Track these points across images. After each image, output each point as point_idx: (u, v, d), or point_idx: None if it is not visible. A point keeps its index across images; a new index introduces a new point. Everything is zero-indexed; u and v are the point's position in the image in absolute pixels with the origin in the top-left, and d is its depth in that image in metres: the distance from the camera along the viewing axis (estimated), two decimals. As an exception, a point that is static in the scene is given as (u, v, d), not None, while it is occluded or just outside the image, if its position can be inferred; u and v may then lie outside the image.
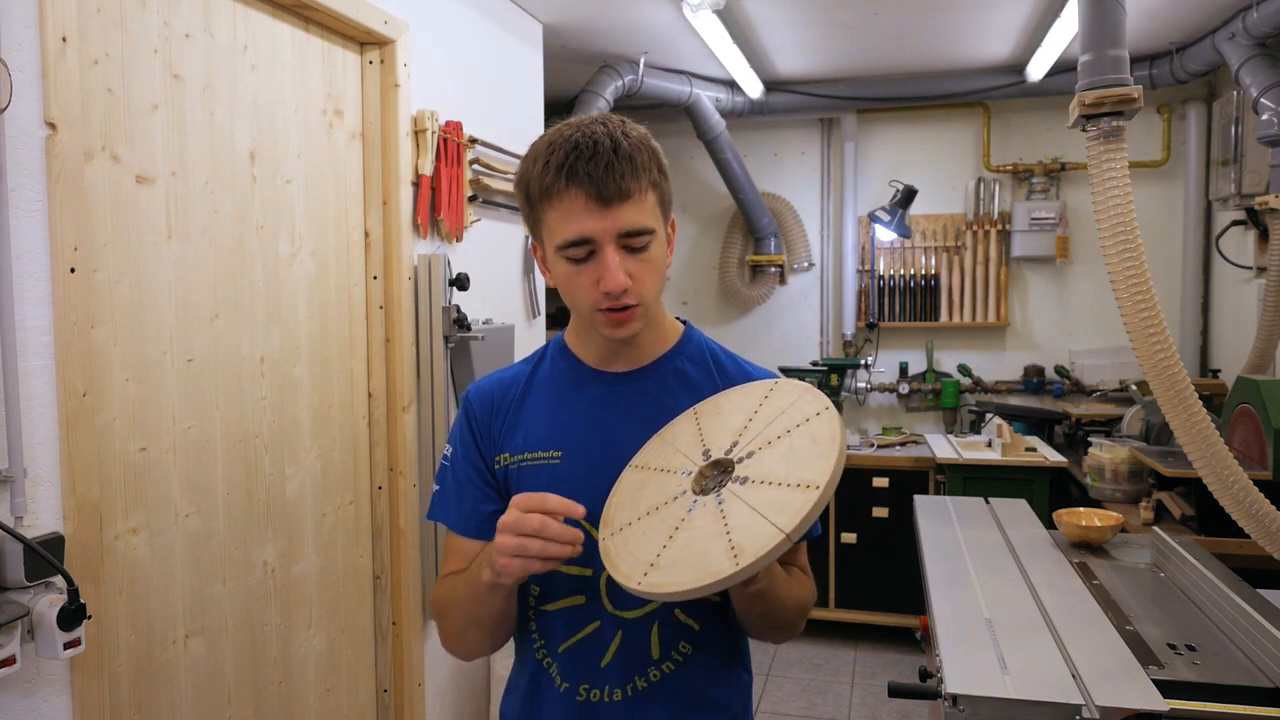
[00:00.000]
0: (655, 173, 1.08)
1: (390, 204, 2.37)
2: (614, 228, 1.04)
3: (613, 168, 1.02)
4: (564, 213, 1.04)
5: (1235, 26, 3.23)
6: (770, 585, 1.07)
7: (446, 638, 1.20)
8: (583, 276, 1.07)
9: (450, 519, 1.19)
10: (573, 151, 1.03)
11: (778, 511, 0.94)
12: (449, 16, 2.66)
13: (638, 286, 1.07)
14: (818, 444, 0.98)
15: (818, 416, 1.02)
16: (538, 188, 1.06)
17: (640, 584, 0.95)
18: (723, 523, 0.97)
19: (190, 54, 1.80)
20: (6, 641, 1.35)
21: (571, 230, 1.04)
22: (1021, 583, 2.01)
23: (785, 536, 0.92)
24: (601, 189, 1.02)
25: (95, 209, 1.58)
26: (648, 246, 1.07)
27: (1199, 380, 3.84)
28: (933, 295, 4.65)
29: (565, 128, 1.07)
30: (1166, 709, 1.41)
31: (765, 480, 0.98)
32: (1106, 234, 1.84)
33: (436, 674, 2.61)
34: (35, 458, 1.44)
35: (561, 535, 0.97)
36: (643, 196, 1.05)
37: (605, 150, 1.03)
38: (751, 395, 1.10)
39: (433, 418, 2.49)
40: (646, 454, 1.11)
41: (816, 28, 3.57)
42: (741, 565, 0.91)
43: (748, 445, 1.03)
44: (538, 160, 1.06)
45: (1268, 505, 1.85)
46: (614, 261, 1.04)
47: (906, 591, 3.90)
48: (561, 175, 1.03)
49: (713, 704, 1.16)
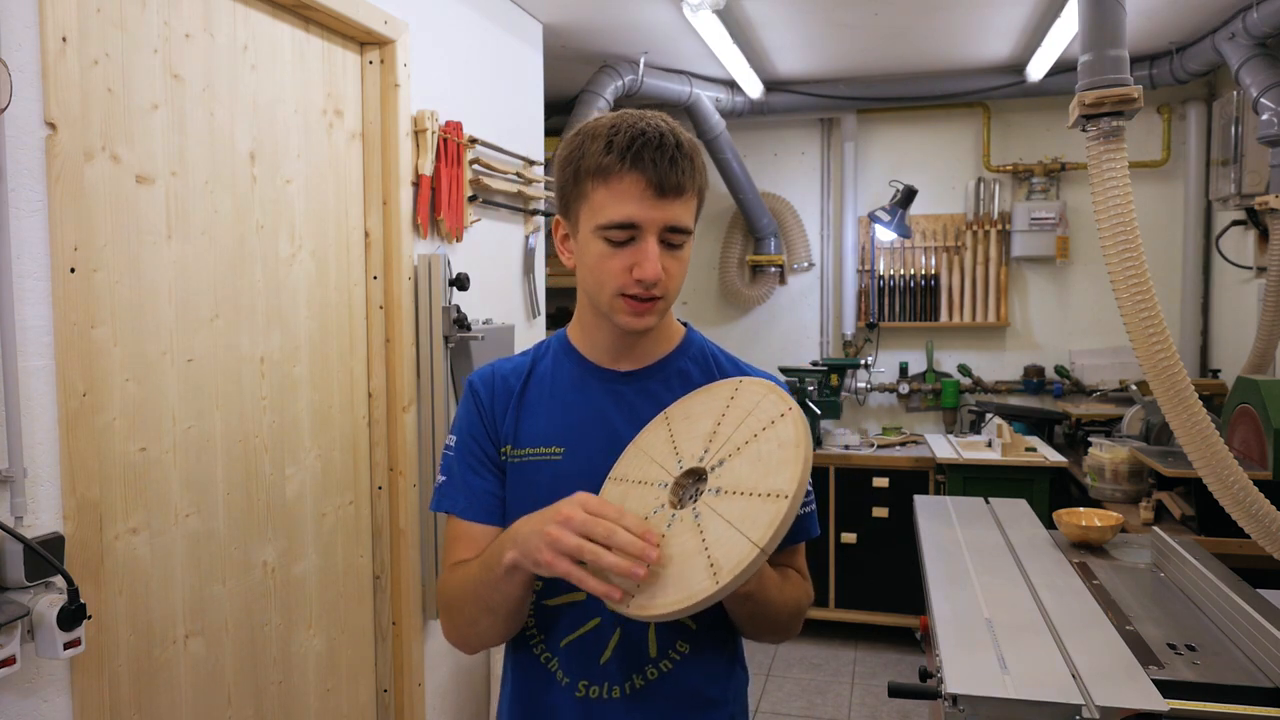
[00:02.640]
0: (701, 178, 1.11)
1: (390, 204, 2.37)
2: (662, 219, 1.05)
3: (676, 162, 1.05)
4: (618, 194, 1.05)
5: (1235, 26, 3.23)
6: (759, 588, 1.07)
7: (456, 629, 1.16)
8: (616, 260, 1.07)
9: (459, 506, 1.16)
10: (640, 137, 1.05)
11: (751, 525, 0.94)
12: (449, 16, 2.66)
13: (667, 281, 1.08)
14: (783, 448, 0.98)
15: (782, 418, 1.02)
16: (593, 164, 1.06)
17: (629, 607, 0.96)
18: (700, 539, 0.97)
19: (190, 54, 1.80)
20: (6, 641, 1.35)
21: (621, 213, 1.05)
22: (1021, 583, 2.01)
23: (760, 551, 0.92)
24: (663, 179, 1.04)
25: (95, 209, 1.58)
26: (683, 246, 1.09)
27: (1199, 380, 3.84)
28: (933, 295, 4.65)
29: (628, 114, 1.09)
30: (1166, 709, 1.41)
31: (737, 490, 0.98)
32: (1106, 234, 1.84)
33: (436, 674, 2.61)
34: (35, 458, 1.44)
35: (629, 547, 0.92)
36: (691, 197, 1.08)
37: (670, 144, 1.05)
38: (718, 396, 1.11)
39: (433, 418, 2.49)
40: (624, 465, 1.11)
41: (816, 28, 3.57)
42: (721, 584, 0.92)
43: (718, 452, 1.04)
44: (598, 139, 1.07)
45: (1268, 505, 1.85)
46: (654, 251, 1.06)
47: (906, 591, 3.90)
48: (626, 158, 1.04)
49: (711, 702, 1.17)
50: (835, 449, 4.21)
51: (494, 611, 1.09)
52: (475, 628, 1.13)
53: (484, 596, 1.08)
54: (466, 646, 1.18)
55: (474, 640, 1.16)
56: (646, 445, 1.11)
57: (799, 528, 1.19)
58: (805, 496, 1.19)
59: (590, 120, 1.11)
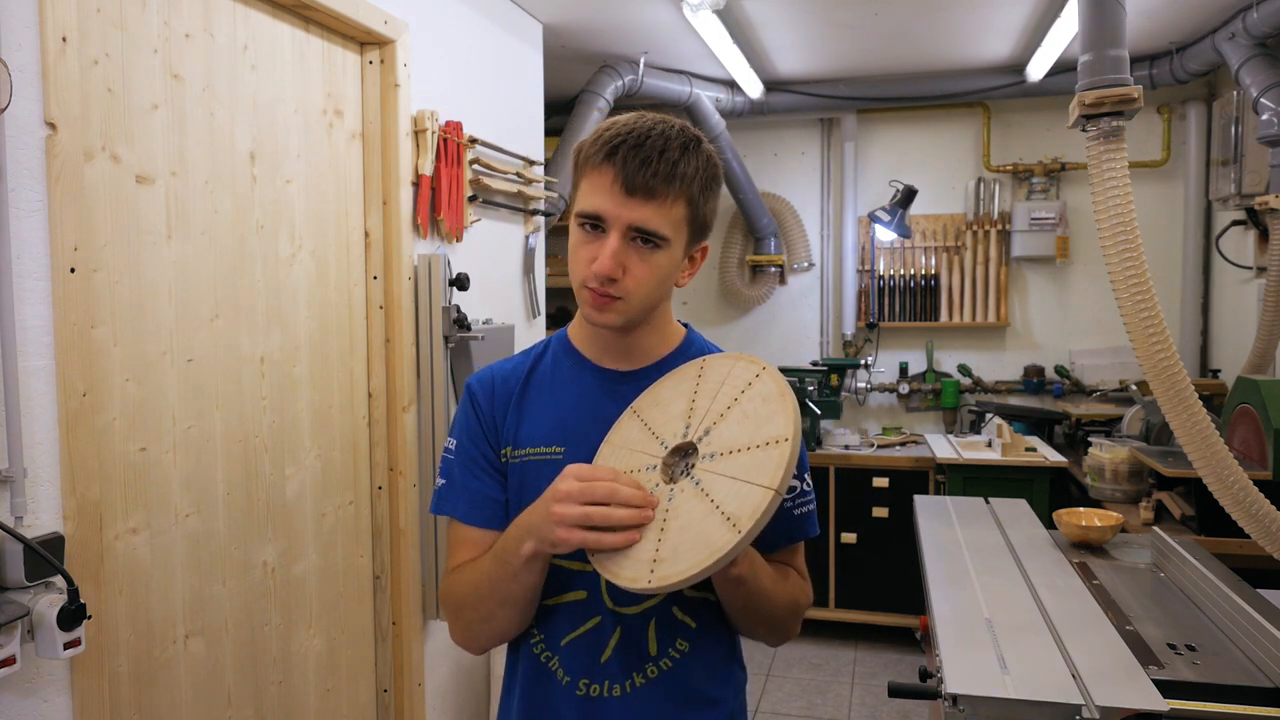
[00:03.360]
0: (696, 189, 1.09)
1: (390, 204, 2.37)
2: (628, 218, 1.06)
3: (649, 163, 1.05)
4: (592, 185, 1.08)
5: (1235, 26, 3.23)
6: (751, 572, 1.07)
7: (467, 627, 1.16)
8: (585, 249, 1.09)
9: (460, 510, 1.17)
10: (624, 134, 1.06)
11: (758, 473, 0.95)
12: (449, 16, 2.66)
13: (628, 281, 1.08)
14: (768, 402, 0.99)
15: (758, 378, 1.03)
16: (584, 155, 1.10)
17: (651, 582, 0.94)
18: (708, 500, 0.97)
19: (190, 54, 1.80)
20: (6, 641, 1.35)
21: (590, 203, 1.08)
22: (1021, 583, 2.01)
23: (774, 492, 0.93)
24: (631, 178, 1.05)
25: (95, 209, 1.58)
26: (656, 251, 1.08)
27: (1199, 380, 3.84)
28: (933, 295, 4.65)
29: (638, 117, 1.10)
30: (1166, 709, 1.41)
31: (732, 450, 0.99)
32: (1106, 234, 1.84)
33: (436, 674, 2.61)
34: (35, 458, 1.44)
35: (632, 500, 0.98)
36: (669, 203, 1.07)
37: (652, 146, 1.05)
38: (685, 378, 1.11)
39: (433, 418, 2.49)
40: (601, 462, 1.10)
41: (816, 28, 3.57)
42: (744, 531, 0.92)
43: (701, 424, 1.04)
44: (599, 135, 1.09)
45: (1268, 505, 1.85)
46: (612, 247, 1.06)
47: (906, 591, 3.90)
48: (603, 151, 1.06)
49: (710, 701, 1.17)
50: (835, 449, 4.21)
51: (513, 603, 1.10)
52: (490, 624, 1.13)
53: (501, 590, 1.09)
54: (475, 646, 1.18)
55: (485, 638, 1.16)
56: (621, 440, 1.10)
57: (798, 527, 1.19)
58: (805, 495, 1.20)
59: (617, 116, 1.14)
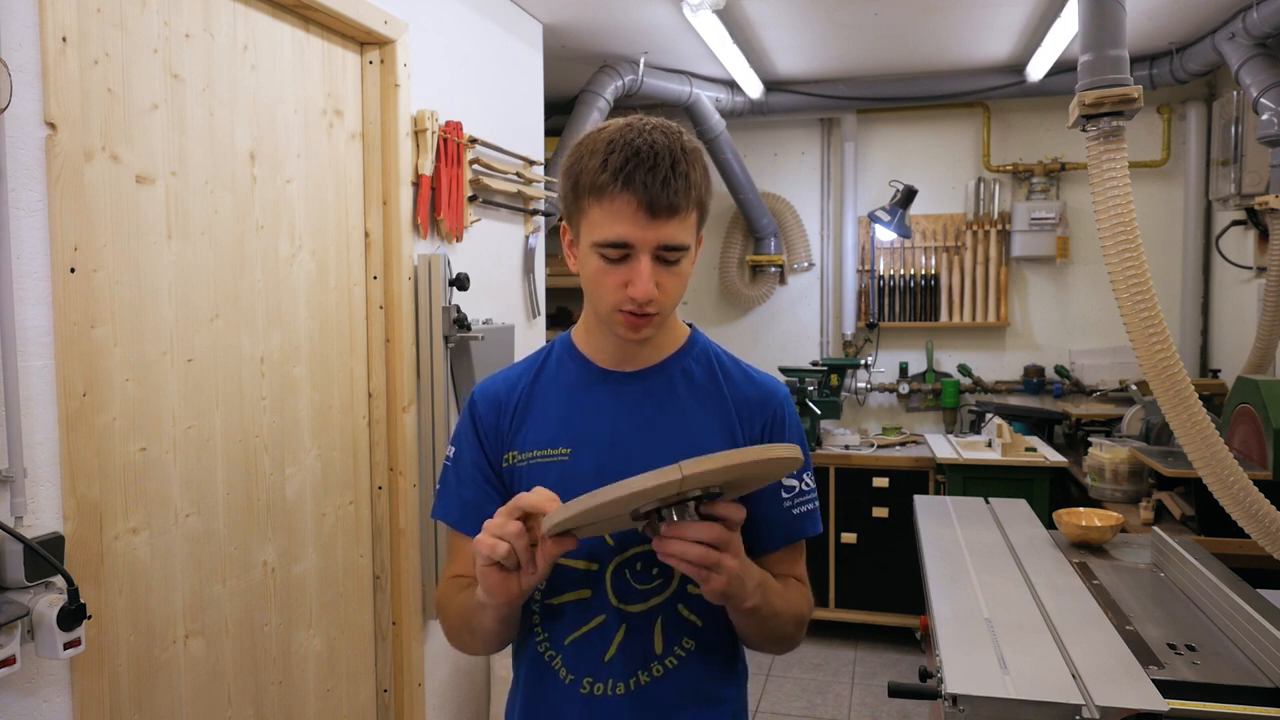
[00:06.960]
0: (702, 190, 1.09)
1: (390, 204, 2.37)
2: (655, 239, 1.05)
3: (669, 183, 1.03)
4: (611, 214, 1.05)
5: (1235, 26, 3.23)
6: (764, 601, 1.08)
7: (447, 636, 1.22)
8: (612, 276, 1.08)
9: (453, 518, 1.20)
10: (634, 157, 1.03)
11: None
12: (449, 16, 2.66)
13: (662, 297, 1.08)
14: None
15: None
16: (589, 182, 1.06)
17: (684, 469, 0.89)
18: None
19: (190, 54, 1.80)
20: (6, 641, 1.35)
21: (614, 232, 1.05)
22: (1021, 583, 2.01)
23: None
24: (654, 201, 1.03)
25: (95, 209, 1.58)
26: (680, 261, 1.08)
27: (1199, 380, 3.84)
28: (933, 295, 4.65)
29: (627, 129, 1.07)
30: (1166, 709, 1.41)
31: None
32: (1106, 234, 1.84)
33: (436, 674, 2.61)
34: (35, 458, 1.44)
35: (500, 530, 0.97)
36: (688, 214, 1.07)
37: (664, 164, 1.04)
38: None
39: (433, 418, 2.49)
40: None
41: (816, 28, 3.57)
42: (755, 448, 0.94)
43: None
44: (595, 155, 1.06)
45: (1268, 505, 1.85)
46: (647, 271, 1.05)
47: (906, 591, 3.90)
48: (618, 179, 1.03)
49: (715, 699, 1.17)
50: (835, 449, 4.21)
51: (474, 633, 1.15)
52: (460, 640, 1.20)
53: (465, 618, 1.15)
54: (465, 652, 1.23)
55: (469, 651, 1.22)
56: None
57: (798, 526, 1.19)
58: (806, 494, 1.20)
59: (592, 130, 1.11)
